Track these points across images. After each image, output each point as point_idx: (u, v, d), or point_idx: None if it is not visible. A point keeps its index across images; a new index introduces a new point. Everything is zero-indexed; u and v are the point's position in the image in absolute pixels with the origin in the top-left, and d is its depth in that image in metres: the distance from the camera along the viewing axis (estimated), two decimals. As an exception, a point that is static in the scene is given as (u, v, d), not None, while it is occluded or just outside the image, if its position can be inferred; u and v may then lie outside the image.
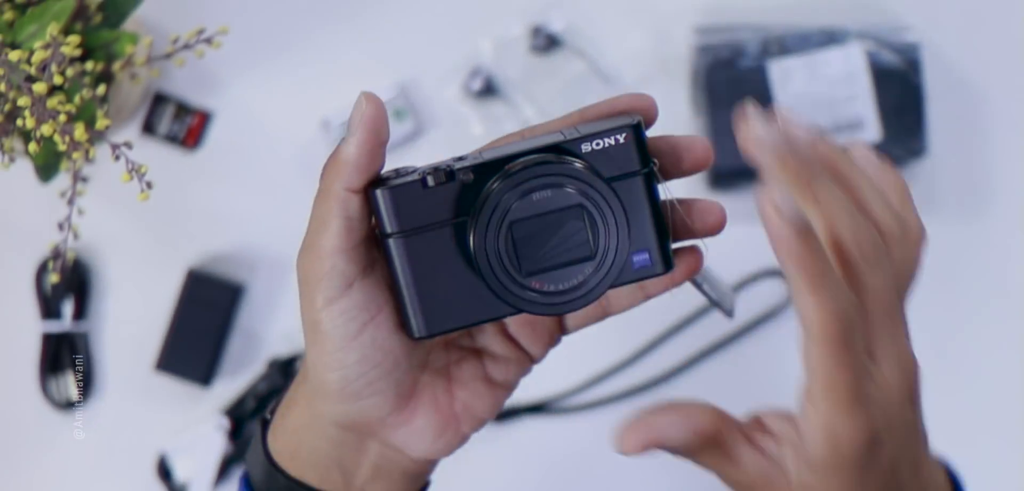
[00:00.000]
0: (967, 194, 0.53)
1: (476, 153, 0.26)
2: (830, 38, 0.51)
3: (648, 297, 0.29)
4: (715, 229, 0.27)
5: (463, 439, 0.29)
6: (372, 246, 0.27)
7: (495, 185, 0.25)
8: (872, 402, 0.24)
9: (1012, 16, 0.54)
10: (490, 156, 0.26)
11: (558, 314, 0.27)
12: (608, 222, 0.26)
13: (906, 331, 0.26)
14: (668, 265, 0.27)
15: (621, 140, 0.25)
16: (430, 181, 0.25)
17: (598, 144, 0.26)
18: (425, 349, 0.29)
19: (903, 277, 0.27)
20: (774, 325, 0.52)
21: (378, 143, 0.26)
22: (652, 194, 0.26)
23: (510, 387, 0.30)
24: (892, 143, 0.51)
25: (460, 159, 0.26)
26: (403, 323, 0.27)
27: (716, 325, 0.52)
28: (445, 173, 0.25)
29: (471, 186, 0.25)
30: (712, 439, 0.25)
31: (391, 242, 0.26)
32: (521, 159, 0.25)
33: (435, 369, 0.29)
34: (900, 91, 0.51)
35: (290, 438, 0.30)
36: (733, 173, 0.52)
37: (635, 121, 0.26)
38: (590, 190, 0.25)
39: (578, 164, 0.26)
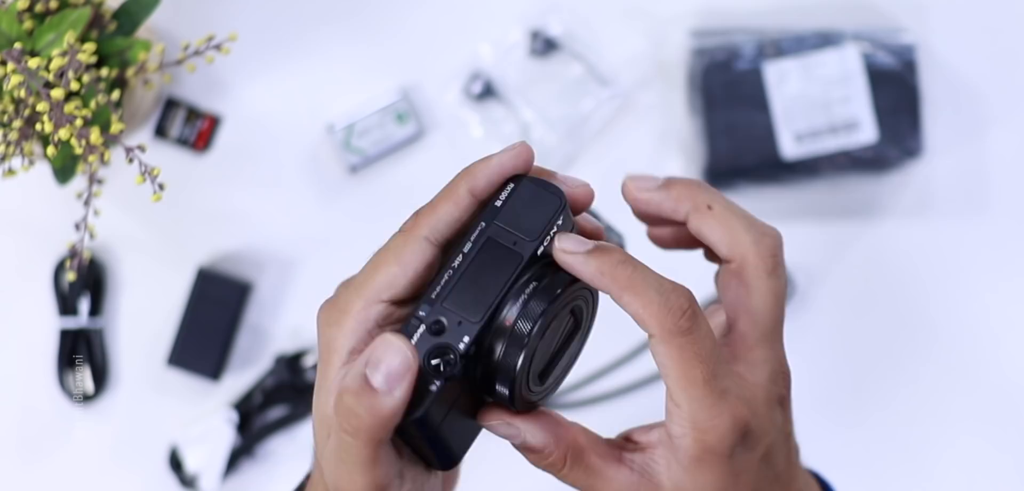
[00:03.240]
0: (963, 195, 0.53)
1: (450, 314, 0.24)
2: (826, 40, 0.51)
3: None
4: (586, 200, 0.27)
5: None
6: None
7: (506, 350, 0.24)
8: (734, 396, 0.24)
9: (1009, 17, 0.54)
10: (476, 319, 0.24)
11: (553, 392, 0.26)
12: (586, 300, 0.26)
13: (779, 341, 0.26)
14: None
15: (560, 224, 0.25)
16: (456, 377, 0.24)
17: (545, 241, 0.25)
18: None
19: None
20: (771, 323, 0.52)
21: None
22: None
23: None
24: (888, 144, 0.51)
25: (438, 327, 0.24)
26: (428, 463, 0.25)
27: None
28: (463, 360, 0.24)
29: (474, 355, 0.24)
30: (577, 456, 0.25)
31: (416, 421, 0.24)
32: (512, 309, 0.24)
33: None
34: (896, 92, 0.51)
35: None
36: (730, 173, 0.52)
37: (561, 202, 0.25)
38: (576, 294, 0.25)
39: (555, 279, 0.24)
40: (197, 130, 0.53)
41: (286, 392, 0.52)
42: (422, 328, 0.24)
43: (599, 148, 0.53)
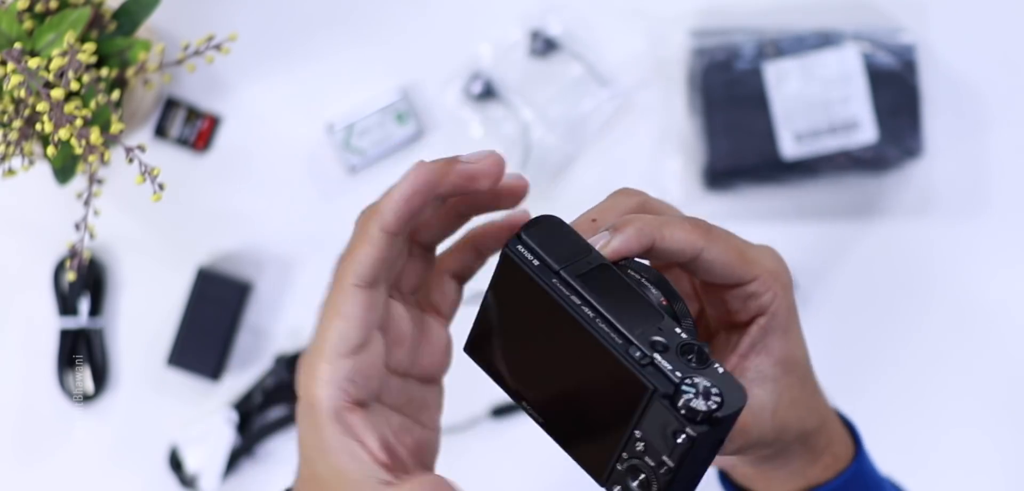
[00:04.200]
0: (963, 194, 0.53)
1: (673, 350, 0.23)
2: (826, 40, 0.51)
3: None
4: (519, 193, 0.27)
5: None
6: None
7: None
8: (767, 255, 0.27)
9: (1008, 17, 0.54)
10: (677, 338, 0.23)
11: None
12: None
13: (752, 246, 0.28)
14: None
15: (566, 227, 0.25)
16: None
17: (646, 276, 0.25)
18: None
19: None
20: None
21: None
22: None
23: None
24: (888, 144, 0.51)
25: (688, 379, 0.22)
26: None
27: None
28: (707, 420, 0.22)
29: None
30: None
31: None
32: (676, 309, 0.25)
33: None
34: (896, 92, 0.51)
35: None
36: (730, 173, 0.52)
37: (553, 218, 0.25)
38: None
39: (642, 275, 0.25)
40: (197, 130, 0.53)
41: (286, 392, 0.52)
42: (658, 358, 0.23)
43: (599, 148, 0.53)
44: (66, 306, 0.52)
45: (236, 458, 0.52)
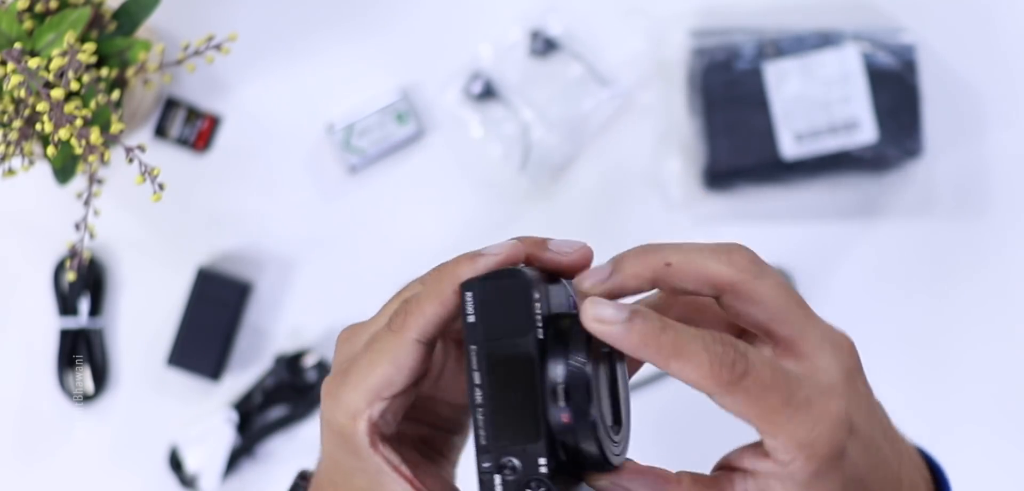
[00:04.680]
0: (963, 194, 0.53)
1: (504, 452, 0.23)
2: (826, 40, 0.51)
3: None
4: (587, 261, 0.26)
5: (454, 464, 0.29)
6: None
7: (582, 431, 0.23)
8: (819, 396, 0.24)
9: (1008, 17, 0.54)
10: (534, 432, 0.23)
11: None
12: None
13: (815, 316, 0.25)
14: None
15: (537, 297, 0.24)
16: None
17: (539, 320, 0.24)
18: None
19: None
20: (771, 323, 0.52)
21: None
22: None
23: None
24: (888, 144, 0.51)
25: (510, 468, 0.23)
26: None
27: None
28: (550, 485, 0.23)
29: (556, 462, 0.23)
30: None
31: None
32: (560, 398, 0.23)
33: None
34: (896, 92, 0.51)
35: None
36: (730, 173, 0.52)
37: (524, 279, 0.24)
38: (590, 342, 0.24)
39: (561, 351, 0.24)
40: (197, 130, 0.53)
41: (286, 392, 0.52)
42: (498, 479, 0.24)
43: (599, 148, 0.53)
44: (66, 306, 0.52)
45: (236, 458, 0.52)
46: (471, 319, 0.24)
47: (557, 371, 0.24)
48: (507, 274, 0.24)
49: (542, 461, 0.23)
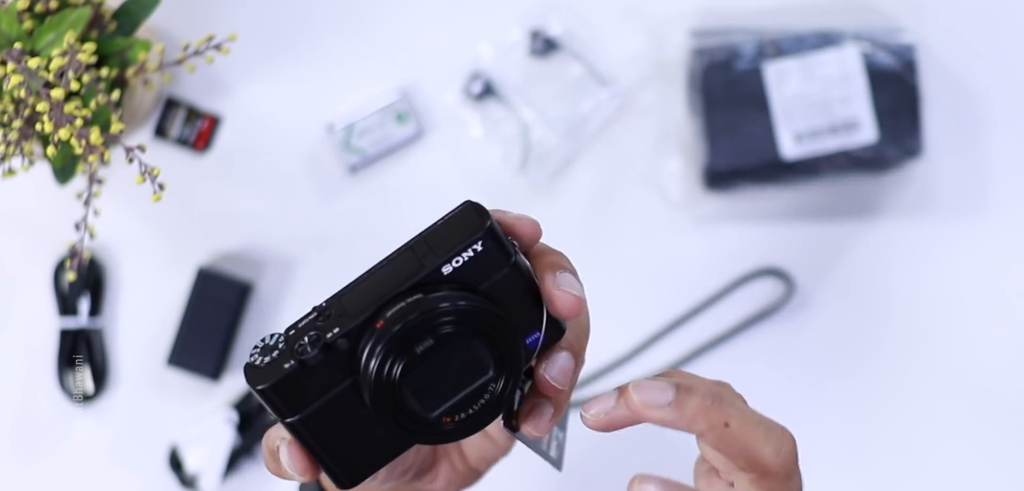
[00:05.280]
0: (963, 195, 0.53)
1: (336, 300, 0.25)
2: (826, 40, 0.51)
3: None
4: (574, 312, 0.26)
5: (481, 477, 0.31)
6: None
7: (372, 352, 0.24)
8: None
9: (1008, 17, 0.54)
10: (356, 316, 0.24)
11: (474, 433, 0.26)
12: (494, 331, 0.25)
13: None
14: (560, 330, 0.26)
15: (479, 249, 0.24)
16: (309, 362, 0.24)
17: (458, 261, 0.24)
18: None
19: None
20: (771, 323, 0.53)
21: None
22: (523, 277, 0.25)
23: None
24: (888, 144, 0.51)
25: (325, 312, 0.25)
26: (331, 477, 0.26)
27: (714, 323, 0.53)
28: (322, 348, 0.24)
29: (349, 350, 0.24)
30: None
31: (291, 425, 0.25)
32: (389, 312, 0.24)
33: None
34: (896, 92, 0.51)
35: None
36: (730, 173, 0.52)
37: (486, 223, 0.24)
38: (466, 316, 0.24)
39: (445, 295, 0.24)
40: (197, 130, 0.53)
41: (286, 392, 0.52)
42: (313, 315, 0.25)
43: (599, 148, 0.53)
44: (66, 306, 0.52)
45: (236, 458, 0.52)
46: (435, 224, 0.26)
47: (407, 299, 0.24)
48: (481, 214, 0.25)
49: (337, 331, 0.24)
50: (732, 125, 0.51)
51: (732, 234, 0.53)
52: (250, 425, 0.52)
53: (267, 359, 0.25)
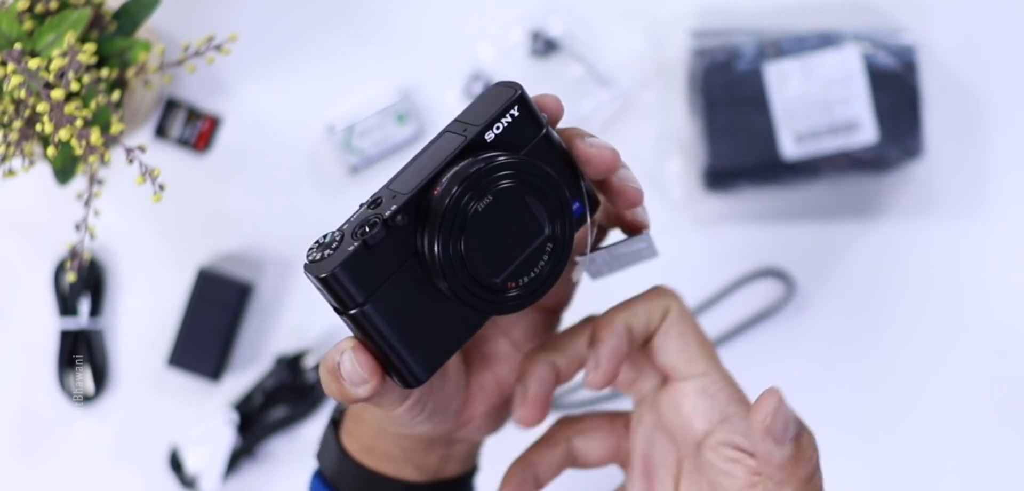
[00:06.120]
0: (964, 195, 0.53)
1: (385, 188, 0.26)
2: (826, 40, 0.51)
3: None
4: (611, 164, 0.27)
5: (507, 418, 0.31)
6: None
7: (434, 219, 0.25)
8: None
9: (1009, 17, 0.54)
10: (410, 189, 0.25)
11: (536, 299, 0.26)
12: (547, 187, 0.25)
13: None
14: (595, 202, 0.28)
15: (516, 114, 0.25)
16: (372, 241, 0.24)
17: (498, 127, 0.25)
18: (464, 357, 0.30)
19: None
20: (771, 324, 0.53)
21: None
22: (556, 148, 0.26)
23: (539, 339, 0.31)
24: (888, 144, 0.51)
25: (375, 202, 0.25)
26: (399, 377, 0.26)
27: (714, 323, 0.53)
28: (383, 224, 0.25)
29: (407, 226, 0.25)
30: None
31: (361, 313, 0.25)
32: (445, 178, 0.25)
33: (477, 366, 0.31)
34: (896, 93, 0.51)
35: (364, 440, 0.31)
36: (730, 174, 0.52)
37: (517, 92, 0.26)
38: (523, 170, 0.25)
39: (498, 153, 0.25)
40: (197, 130, 0.53)
41: (286, 393, 0.52)
42: (363, 207, 0.26)
43: (599, 148, 0.53)
44: (66, 307, 0.52)
45: (236, 459, 0.52)
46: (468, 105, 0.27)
47: (455, 166, 0.25)
48: (511, 85, 0.26)
49: (394, 207, 0.25)
50: (732, 126, 0.51)
51: (732, 234, 0.53)
52: (250, 426, 0.52)
53: (326, 253, 0.26)
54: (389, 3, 0.54)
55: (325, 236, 0.26)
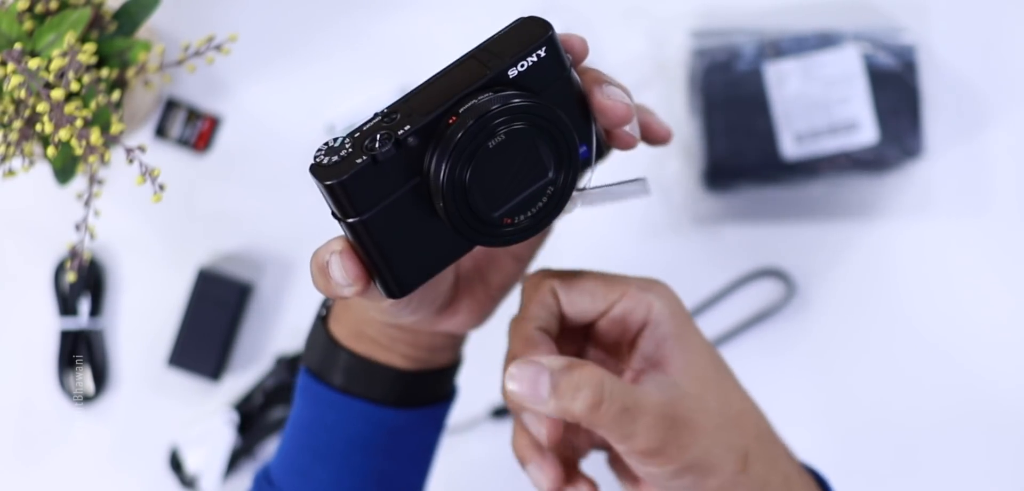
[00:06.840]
0: (963, 195, 0.53)
1: (402, 103, 0.26)
2: (826, 40, 0.51)
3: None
4: (624, 118, 0.27)
5: (494, 311, 0.32)
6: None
7: (445, 148, 0.25)
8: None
9: (1009, 17, 0.54)
10: (426, 113, 0.25)
11: (528, 237, 0.27)
12: (558, 133, 0.25)
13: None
14: (603, 150, 0.28)
15: (543, 54, 0.26)
16: (382, 158, 0.24)
17: (523, 65, 0.25)
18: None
19: None
20: (771, 324, 0.53)
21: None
22: (574, 89, 0.27)
23: (534, 254, 0.32)
24: (888, 144, 0.51)
25: (391, 115, 0.25)
26: (383, 286, 0.26)
27: (714, 323, 0.53)
28: (395, 143, 0.25)
29: (417, 148, 0.25)
30: None
31: (359, 224, 0.26)
32: (463, 109, 0.25)
33: (466, 265, 0.31)
34: (896, 93, 0.51)
35: (352, 326, 0.32)
36: (730, 174, 0.52)
37: (548, 33, 0.26)
38: (539, 114, 0.25)
39: (517, 93, 0.25)
40: (197, 130, 0.53)
41: (286, 393, 0.52)
42: (378, 118, 0.26)
43: (599, 148, 0.53)
44: (66, 307, 0.52)
45: (236, 459, 0.52)
46: (497, 34, 0.26)
47: (474, 99, 0.25)
48: (544, 25, 0.26)
49: (408, 128, 0.25)
50: (732, 126, 0.51)
51: (732, 234, 0.53)
52: (250, 426, 0.52)
53: (334, 159, 0.25)
54: (388, 3, 0.54)
55: (335, 140, 0.26)
